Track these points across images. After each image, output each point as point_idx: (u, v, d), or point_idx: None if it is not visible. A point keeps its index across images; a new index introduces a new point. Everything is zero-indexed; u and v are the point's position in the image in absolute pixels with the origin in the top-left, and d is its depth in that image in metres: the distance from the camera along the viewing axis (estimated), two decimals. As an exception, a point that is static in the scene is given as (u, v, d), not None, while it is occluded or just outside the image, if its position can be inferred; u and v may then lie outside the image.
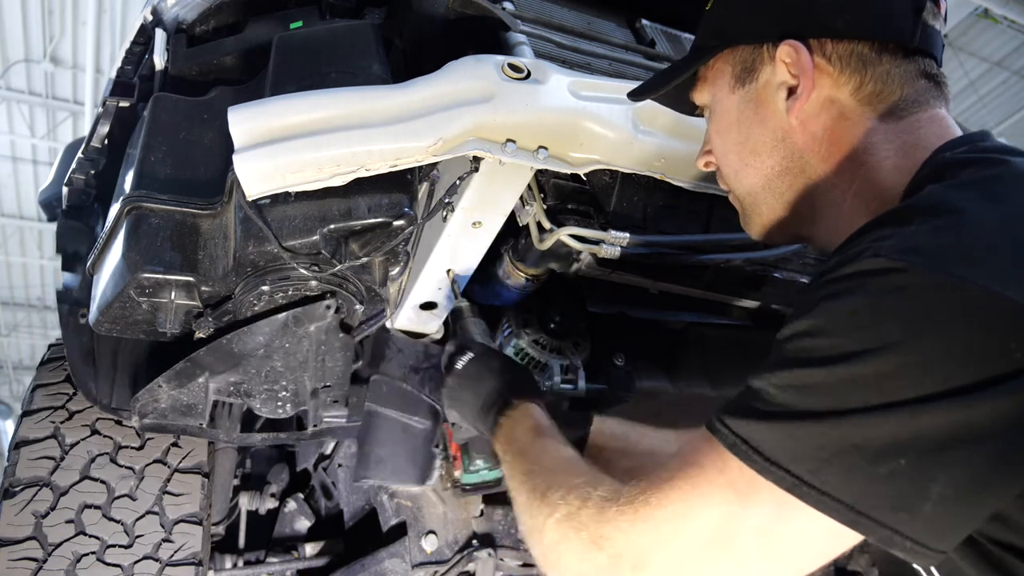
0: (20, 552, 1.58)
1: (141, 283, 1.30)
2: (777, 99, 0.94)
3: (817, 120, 0.92)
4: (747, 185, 1.02)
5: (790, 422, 0.69)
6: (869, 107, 0.90)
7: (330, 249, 1.31)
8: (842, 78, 0.90)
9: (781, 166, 0.96)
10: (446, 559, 1.82)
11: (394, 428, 1.81)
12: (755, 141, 0.98)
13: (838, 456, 0.66)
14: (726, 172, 1.06)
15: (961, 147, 0.84)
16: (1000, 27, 8.05)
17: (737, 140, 1.01)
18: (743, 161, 1.00)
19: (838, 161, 0.92)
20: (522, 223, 1.52)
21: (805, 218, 0.99)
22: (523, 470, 1.00)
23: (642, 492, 0.78)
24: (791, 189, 0.97)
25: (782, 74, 0.93)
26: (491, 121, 1.22)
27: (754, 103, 0.97)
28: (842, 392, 0.67)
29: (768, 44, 0.94)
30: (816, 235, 1.00)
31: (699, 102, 1.10)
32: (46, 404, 1.82)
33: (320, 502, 2.20)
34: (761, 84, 0.96)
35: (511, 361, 1.28)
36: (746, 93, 0.98)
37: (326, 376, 1.56)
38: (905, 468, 0.64)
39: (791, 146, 0.95)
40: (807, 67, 0.90)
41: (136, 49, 1.76)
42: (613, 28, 1.75)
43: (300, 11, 1.66)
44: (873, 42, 0.90)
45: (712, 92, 1.05)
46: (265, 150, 1.18)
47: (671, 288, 1.65)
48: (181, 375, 1.45)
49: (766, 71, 0.95)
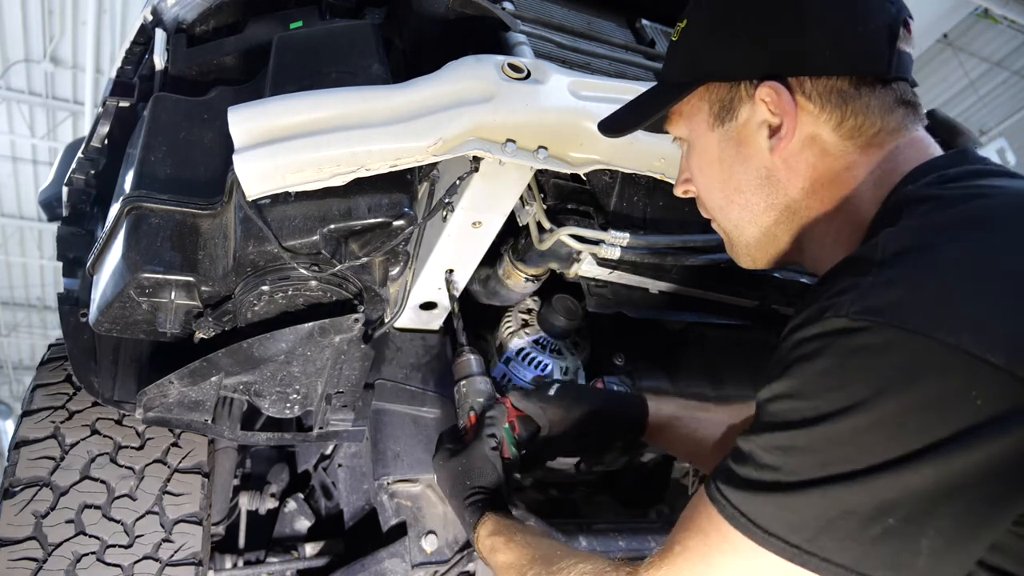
0: (20, 552, 1.58)
1: (141, 283, 1.30)
2: (758, 138, 0.94)
3: (800, 157, 0.92)
4: (734, 221, 1.02)
5: (783, 493, 0.73)
6: (850, 141, 0.90)
7: (330, 249, 1.31)
8: (823, 115, 0.90)
9: (766, 203, 0.97)
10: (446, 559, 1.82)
11: (405, 422, 1.81)
12: (738, 180, 0.98)
13: (832, 523, 0.70)
14: (710, 206, 1.05)
15: (928, 176, 0.84)
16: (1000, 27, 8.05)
17: (720, 178, 1.00)
18: (728, 198, 1.00)
19: (821, 196, 0.93)
20: (522, 223, 1.52)
21: (791, 249, 1.00)
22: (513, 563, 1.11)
23: (659, 570, 0.85)
24: (776, 224, 0.98)
25: (763, 113, 0.92)
26: (491, 121, 1.22)
27: (735, 142, 0.96)
28: (825, 453, 0.70)
29: (745, 83, 0.93)
30: (802, 261, 1.01)
31: (675, 134, 1.08)
32: (46, 404, 1.81)
33: (320, 502, 2.20)
34: (741, 123, 0.95)
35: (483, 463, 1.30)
36: (726, 132, 0.97)
37: (341, 383, 1.55)
38: (895, 527, 0.67)
39: (775, 183, 0.95)
40: (789, 108, 0.90)
41: (136, 49, 1.76)
42: (613, 28, 1.75)
43: (300, 11, 1.66)
44: (851, 77, 0.89)
45: (688, 127, 1.04)
46: (265, 150, 1.18)
47: (671, 288, 1.66)
48: (195, 374, 1.44)
49: (745, 109, 0.94)
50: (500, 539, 1.17)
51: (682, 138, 1.07)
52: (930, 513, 0.66)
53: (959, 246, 0.71)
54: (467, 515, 1.26)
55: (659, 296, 1.74)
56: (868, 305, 0.69)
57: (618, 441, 1.43)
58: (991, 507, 0.66)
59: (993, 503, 0.66)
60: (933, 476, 0.65)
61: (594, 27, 1.70)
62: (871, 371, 0.68)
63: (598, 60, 1.56)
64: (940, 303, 0.67)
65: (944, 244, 0.71)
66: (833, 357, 0.70)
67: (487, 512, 1.23)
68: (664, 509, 2.49)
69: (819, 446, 0.71)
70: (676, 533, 0.85)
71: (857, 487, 0.68)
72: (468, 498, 1.27)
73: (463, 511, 1.27)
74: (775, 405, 0.76)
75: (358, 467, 2.02)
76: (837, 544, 0.69)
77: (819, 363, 0.71)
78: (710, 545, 0.79)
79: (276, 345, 1.40)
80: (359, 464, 2.02)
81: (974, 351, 0.64)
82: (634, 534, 2.09)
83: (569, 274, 1.61)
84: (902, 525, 0.67)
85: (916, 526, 0.67)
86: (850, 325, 0.69)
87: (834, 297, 0.73)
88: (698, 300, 1.73)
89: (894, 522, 0.67)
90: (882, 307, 0.68)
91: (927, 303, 0.67)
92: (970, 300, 0.66)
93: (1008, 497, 0.66)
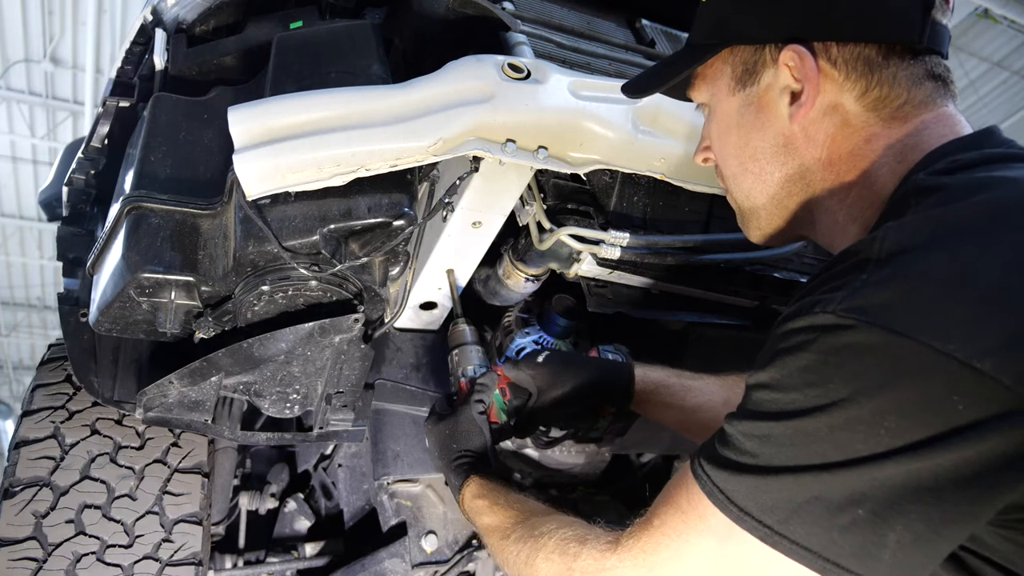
0: (20, 552, 1.58)
1: (141, 283, 1.30)
2: (779, 104, 0.91)
3: (820, 126, 0.90)
4: (745, 190, 1.00)
5: (760, 476, 0.74)
6: (874, 112, 0.87)
7: (330, 249, 1.31)
8: (847, 83, 0.87)
9: (781, 173, 0.94)
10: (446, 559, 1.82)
11: (405, 422, 1.82)
12: (755, 147, 0.96)
13: (803, 507, 0.71)
14: (725, 174, 1.04)
15: (942, 160, 0.82)
16: (1000, 27, 8.05)
17: (737, 144, 0.98)
18: (743, 166, 0.98)
19: (838, 168, 0.90)
20: (522, 223, 1.52)
21: (803, 223, 0.98)
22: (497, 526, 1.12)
23: (638, 541, 0.86)
24: (790, 196, 0.96)
25: (785, 78, 0.90)
26: (491, 121, 1.22)
27: (755, 107, 0.94)
28: (801, 445, 0.71)
29: (770, 46, 0.92)
30: (814, 236, 0.99)
31: (696, 100, 1.07)
32: (46, 404, 1.81)
33: (320, 502, 2.20)
34: (763, 87, 0.93)
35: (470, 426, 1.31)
36: (747, 96, 0.95)
37: (341, 383, 1.56)
38: (863, 518, 0.68)
39: (792, 153, 0.93)
40: (812, 74, 0.87)
41: (136, 49, 1.76)
42: (613, 28, 1.75)
43: (300, 11, 1.66)
44: (880, 45, 0.86)
45: (711, 91, 1.02)
46: (265, 150, 1.18)
47: (671, 288, 1.65)
48: (195, 373, 1.44)
49: (768, 74, 0.92)
50: (484, 502, 1.17)
51: (704, 103, 1.06)
52: (898, 509, 0.67)
53: (957, 249, 0.70)
54: (453, 477, 1.27)
55: (659, 296, 1.74)
56: (857, 304, 0.69)
57: (608, 406, 1.42)
58: (962, 509, 0.66)
59: (964, 505, 0.66)
60: (903, 475, 0.66)
61: (594, 27, 1.70)
62: (852, 370, 0.68)
63: (598, 60, 1.56)
64: (931, 307, 0.66)
65: (941, 246, 0.70)
66: (816, 353, 0.71)
67: (472, 475, 1.23)
68: (664, 509, 2.49)
69: (794, 439, 0.72)
70: (657, 506, 0.86)
71: (828, 477, 0.69)
72: (455, 460, 1.27)
73: (449, 473, 1.29)
74: (758, 393, 0.77)
75: (358, 467, 2.02)
76: (806, 529, 0.71)
77: (802, 357, 0.72)
78: (687, 523, 0.80)
79: (276, 345, 1.40)
80: (359, 464, 2.02)
81: (960, 356, 0.63)
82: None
83: (569, 274, 1.60)
84: (870, 517, 0.68)
85: (883, 520, 0.68)
86: (837, 322, 0.69)
87: (827, 292, 0.73)
88: (698, 300, 1.72)
89: (863, 513, 0.68)
90: (871, 307, 0.68)
91: (917, 306, 0.67)
92: (961, 305, 0.66)
93: (981, 500, 0.66)
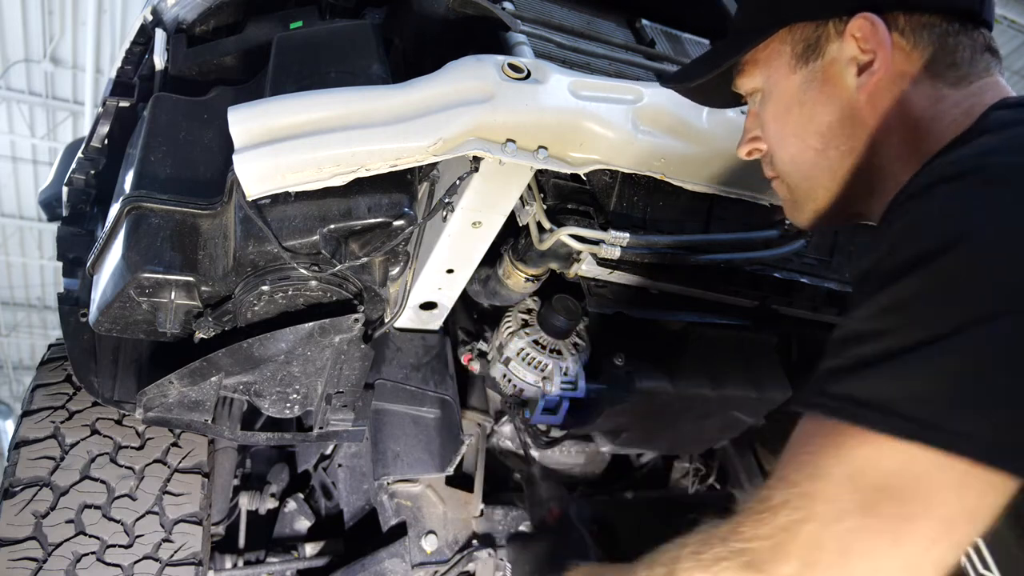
0: (20, 552, 1.58)
1: (141, 283, 1.30)
2: (845, 76, 0.90)
3: (887, 95, 0.89)
4: (805, 169, 0.98)
5: (897, 361, 0.61)
6: (940, 80, 0.87)
7: (330, 249, 1.31)
8: (914, 52, 0.88)
9: (847, 146, 0.93)
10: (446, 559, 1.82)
11: (405, 422, 1.82)
12: (820, 121, 0.94)
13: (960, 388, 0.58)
14: (781, 157, 1.01)
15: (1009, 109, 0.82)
16: (1000, 27, 8.05)
17: (799, 122, 0.96)
18: (805, 143, 0.96)
19: (904, 136, 0.89)
20: (522, 223, 1.52)
21: (861, 196, 0.95)
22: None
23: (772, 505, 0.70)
24: (853, 169, 0.93)
25: (851, 50, 0.89)
26: (491, 121, 1.22)
27: (819, 81, 0.93)
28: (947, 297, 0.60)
29: (834, 20, 0.91)
30: (868, 212, 0.97)
31: (747, 88, 1.05)
32: (46, 404, 1.81)
33: (320, 502, 2.20)
34: (827, 61, 0.92)
35: None
36: (810, 72, 0.94)
37: (341, 383, 1.56)
38: None
39: (858, 124, 0.91)
40: (885, 42, 0.87)
41: (136, 49, 1.76)
42: (613, 28, 1.75)
43: (300, 11, 1.66)
44: (945, 14, 0.88)
45: (765, 74, 1.00)
46: (265, 150, 1.18)
47: (671, 288, 1.65)
48: (195, 374, 1.44)
49: (833, 47, 0.91)
50: None
51: (756, 90, 1.04)
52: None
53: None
54: None
55: (659, 296, 1.74)
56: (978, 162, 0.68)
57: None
58: None
59: None
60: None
61: (594, 27, 1.70)
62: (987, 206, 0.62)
63: (598, 60, 1.56)
64: None
65: None
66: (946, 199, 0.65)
67: None
68: (664, 509, 2.49)
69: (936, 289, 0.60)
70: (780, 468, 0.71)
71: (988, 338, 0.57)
72: None
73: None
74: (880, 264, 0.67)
75: (358, 467, 2.02)
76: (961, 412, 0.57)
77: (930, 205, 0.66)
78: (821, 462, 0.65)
79: (276, 345, 1.40)
80: (359, 464, 2.02)
81: None
82: (634, 534, 2.09)
83: (569, 274, 1.61)
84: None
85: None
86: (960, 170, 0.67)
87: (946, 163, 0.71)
88: (698, 300, 1.73)
89: None
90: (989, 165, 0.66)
91: None
92: None
93: None
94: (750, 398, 2.05)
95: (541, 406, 1.78)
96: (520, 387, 1.83)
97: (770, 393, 2.07)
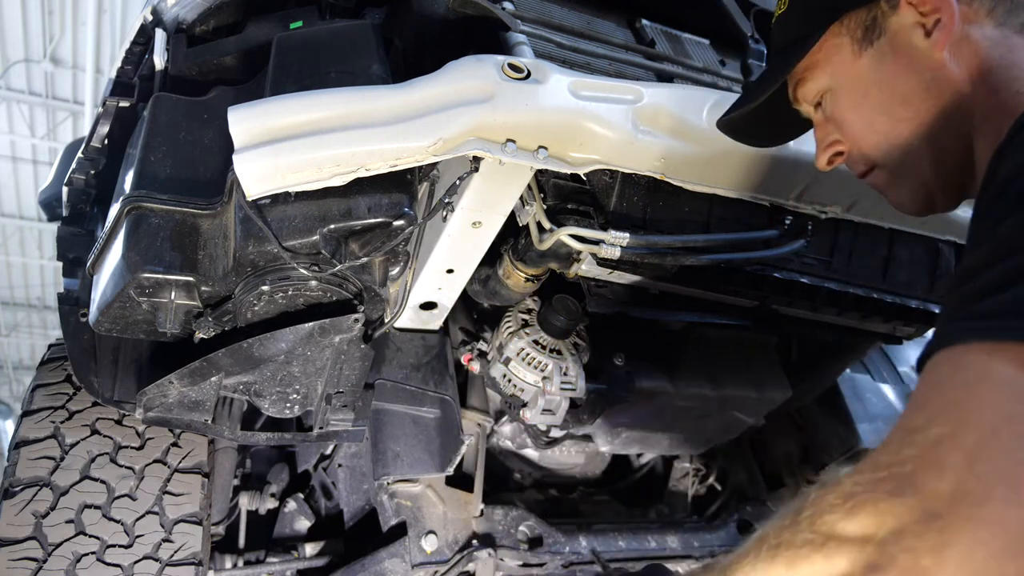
0: (20, 552, 1.58)
1: (141, 283, 1.30)
2: (914, 40, 0.92)
3: (962, 48, 0.90)
4: (903, 144, 0.96)
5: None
6: (1006, 25, 0.90)
7: (330, 249, 1.31)
8: (974, 3, 0.90)
9: (937, 107, 0.92)
10: (446, 559, 1.82)
11: (405, 422, 1.82)
12: (903, 91, 0.94)
13: None
14: (874, 141, 0.99)
15: None
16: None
17: (881, 99, 0.96)
18: (895, 117, 0.96)
19: (990, 84, 0.89)
20: (522, 223, 1.52)
21: (962, 160, 0.93)
22: None
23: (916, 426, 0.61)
24: (949, 130, 0.93)
25: (911, 16, 0.91)
26: (491, 121, 1.22)
27: (891, 55, 0.94)
28: None
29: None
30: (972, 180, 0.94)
31: (813, 93, 1.04)
32: (46, 404, 1.81)
33: (320, 502, 2.20)
34: (892, 34, 0.94)
35: None
36: (877, 50, 0.95)
37: (341, 383, 1.56)
38: None
39: (943, 81, 0.91)
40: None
41: (136, 49, 1.76)
42: (613, 28, 1.75)
43: (300, 11, 1.66)
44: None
45: (830, 71, 1.00)
46: (265, 150, 1.18)
47: (671, 288, 1.65)
48: (195, 374, 1.44)
49: (892, 20, 0.93)
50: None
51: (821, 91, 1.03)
52: None
53: None
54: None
55: (659, 296, 1.74)
56: None
57: None
58: None
59: None
60: None
61: (594, 27, 1.70)
62: None
63: (598, 60, 1.56)
64: None
65: None
66: None
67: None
68: (664, 509, 2.50)
69: None
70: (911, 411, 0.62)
71: None
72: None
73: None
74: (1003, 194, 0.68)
75: (358, 467, 2.02)
76: None
77: None
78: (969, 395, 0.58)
79: (276, 345, 1.40)
80: (359, 464, 2.02)
81: None
82: (634, 534, 2.10)
83: (569, 274, 1.60)
84: None
85: None
86: None
87: None
88: (698, 300, 1.72)
89: None
90: None
91: None
92: None
93: None
94: (750, 398, 2.05)
95: (541, 406, 1.78)
96: (520, 387, 1.83)
97: (770, 393, 2.07)
